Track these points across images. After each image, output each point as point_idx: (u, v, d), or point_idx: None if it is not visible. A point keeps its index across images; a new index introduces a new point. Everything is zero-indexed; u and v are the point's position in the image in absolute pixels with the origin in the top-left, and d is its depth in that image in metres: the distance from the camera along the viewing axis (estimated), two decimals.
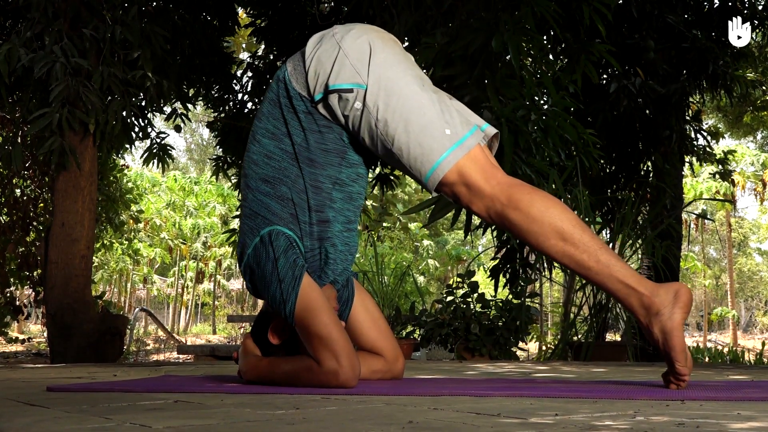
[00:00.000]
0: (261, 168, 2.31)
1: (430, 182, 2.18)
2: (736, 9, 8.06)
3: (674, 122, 7.79)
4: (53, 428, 1.32)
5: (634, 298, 2.10)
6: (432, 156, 2.15)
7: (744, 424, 1.35)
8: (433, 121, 2.17)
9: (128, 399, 1.87)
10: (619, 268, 2.11)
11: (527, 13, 5.13)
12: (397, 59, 2.24)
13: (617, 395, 1.93)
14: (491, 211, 2.17)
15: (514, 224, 2.15)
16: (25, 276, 8.53)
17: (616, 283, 2.11)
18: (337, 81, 2.19)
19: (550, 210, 2.13)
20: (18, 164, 6.12)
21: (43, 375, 3.09)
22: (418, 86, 2.20)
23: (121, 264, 29.99)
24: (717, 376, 3.06)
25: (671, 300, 2.07)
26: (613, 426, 1.32)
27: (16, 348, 14.61)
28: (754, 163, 32.50)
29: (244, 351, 2.43)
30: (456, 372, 3.45)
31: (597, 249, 2.11)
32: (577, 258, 2.11)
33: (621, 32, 7.53)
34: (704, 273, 38.42)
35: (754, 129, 20.07)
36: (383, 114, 2.17)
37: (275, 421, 1.41)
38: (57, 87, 5.35)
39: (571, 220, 2.13)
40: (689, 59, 7.71)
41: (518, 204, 2.13)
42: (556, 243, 2.12)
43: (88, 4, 5.66)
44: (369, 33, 2.27)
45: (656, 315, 2.08)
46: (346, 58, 2.20)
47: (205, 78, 8.11)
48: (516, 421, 1.39)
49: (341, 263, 2.40)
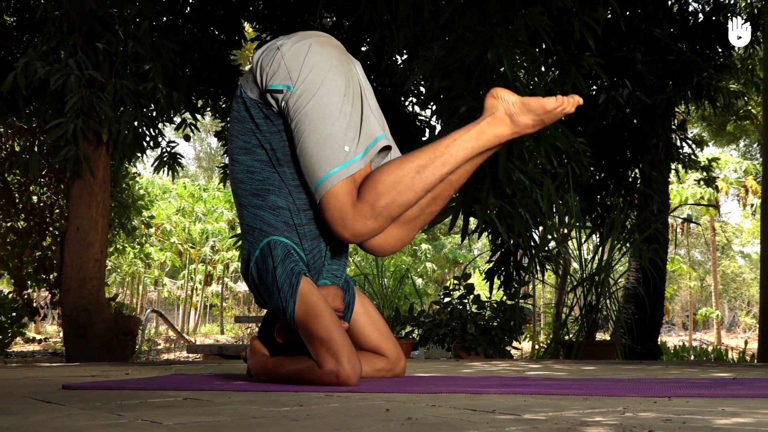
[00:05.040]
0: (247, 184, 2.33)
1: (319, 190, 2.20)
2: (719, 24, 8.07)
3: (660, 131, 7.80)
4: (68, 424, 1.32)
5: (489, 128, 2.23)
6: (325, 166, 2.18)
7: (729, 420, 1.35)
8: (337, 134, 2.19)
9: (140, 396, 1.87)
10: (459, 134, 2.22)
11: (521, 27, 5.14)
12: (330, 64, 2.25)
13: (607, 392, 1.93)
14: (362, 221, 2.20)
15: (392, 211, 2.20)
16: (42, 279, 8.52)
17: (470, 141, 2.21)
18: (273, 81, 2.23)
19: (390, 179, 2.18)
20: (35, 172, 6.12)
21: (59, 373, 3.09)
22: (338, 95, 2.22)
23: (133, 267, 29.92)
24: (702, 374, 3.06)
25: (507, 100, 2.24)
26: (603, 422, 1.31)
27: (34, 347, 14.59)
28: (736, 170, 32.49)
29: (252, 351, 2.43)
30: (453, 370, 3.44)
31: (434, 150, 2.19)
32: (437, 169, 2.19)
33: (610, 45, 7.54)
34: (690, 275, 38.35)
35: (737, 137, 20.08)
36: (297, 115, 2.20)
37: (280, 417, 1.41)
38: (72, 98, 5.36)
39: (402, 163, 2.19)
40: (675, 71, 7.71)
41: (376, 204, 2.17)
42: (419, 180, 2.18)
43: (102, 19, 5.66)
44: (309, 38, 2.29)
45: (512, 114, 2.23)
46: (282, 60, 2.23)
47: (213, 89, 8.11)
48: (510, 418, 1.38)
49: (338, 255, 2.43)
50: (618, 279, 6.03)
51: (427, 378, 2.67)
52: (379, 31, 5.93)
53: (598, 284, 5.69)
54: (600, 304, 5.73)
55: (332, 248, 2.41)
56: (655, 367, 3.86)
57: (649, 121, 7.72)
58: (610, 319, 5.79)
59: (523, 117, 2.24)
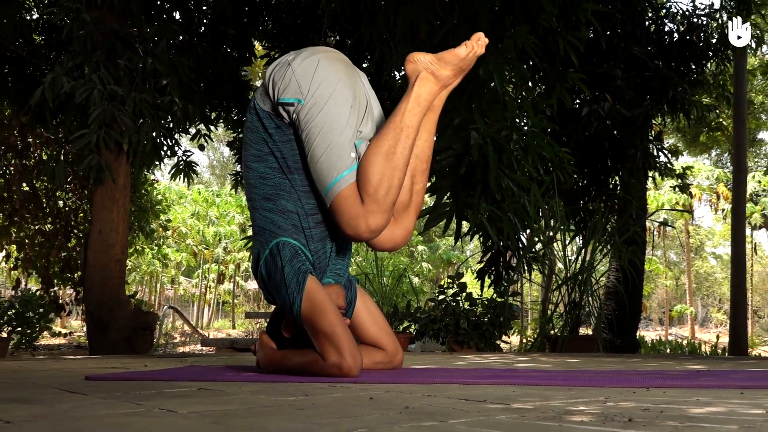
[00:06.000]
0: (260, 189, 2.32)
1: (329, 194, 2.20)
2: (693, 43, 8.08)
3: (639, 141, 7.80)
4: (90, 413, 1.32)
5: (420, 89, 2.27)
6: (333, 172, 2.18)
7: (702, 408, 1.34)
8: (344, 142, 2.19)
9: (157, 387, 1.87)
10: (402, 107, 2.25)
11: (510, 45, 5.14)
12: (338, 78, 2.25)
13: (590, 383, 1.92)
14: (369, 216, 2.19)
15: (392, 195, 2.20)
16: (67, 277, 8.52)
17: (415, 107, 2.25)
18: (285, 95, 2.23)
19: (376, 169, 2.17)
20: (61, 179, 6.11)
21: (82, 365, 3.08)
22: (345, 107, 2.22)
23: (151, 267, 29.90)
24: (678, 366, 3.05)
25: (424, 60, 2.31)
26: (586, 411, 1.31)
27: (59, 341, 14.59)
28: (709, 178, 32.53)
29: (261, 344, 2.43)
30: (447, 362, 3.44)
31: (394, 129, 2.21)
32: (405, 142, 2.21)
33: (592, 62, 7.54)
34: (666, 274, 38.34)
35: (709, 147, 20.09)
36: (307, 126, 2.20)
37: (287, 406, 1.41)
38: (95, 111, 5.35)
39: (375, 152, 2.19)
40: (652, 86, 7.72)
41: (377, 195, 2.17)
42: (397, 159, 2.19)
43: (123, 38, 5.66)
44: (317, 54, 2.29)
45: (432, 71, 2.29)
46: (293, 75, 2.23)
47: (225, 102, 8.12)
48: (500, 407, 1.38)
49: (341, 255, 2.43)
50: (599, 278, 6.02)
51: (423, 370, 2.66)
52: (379, 48, 5.94)
53: (581, 283, 5.69)
54: (583, 301, 5.72)
55: (336, 249, 2.41)
56: (634, 359, 3.86)
57: (628, 132, 7.72)
58: (592, 315, 5.78)
59: (443, 71, 2.30)
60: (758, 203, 29.92)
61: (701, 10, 8.23)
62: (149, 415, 1.27)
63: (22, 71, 7.21)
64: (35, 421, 1.20)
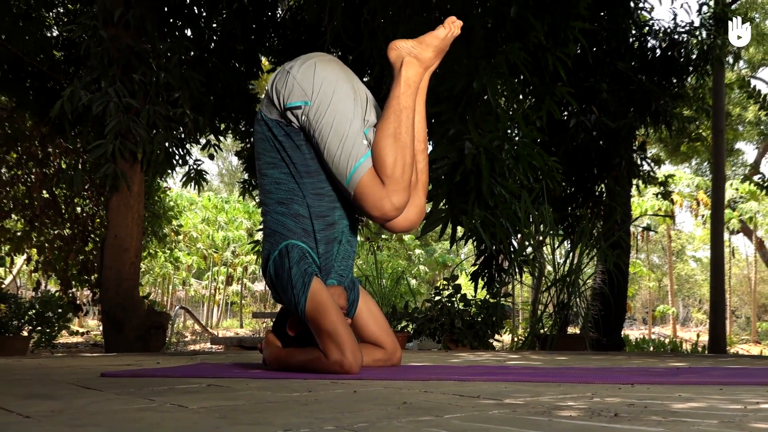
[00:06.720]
0: (275, 194, 2.32)
1: (351, 183, 2.21)
2: (674, 58, 8.09)
3: (623, 151, 7.79)
4: (106, 408, 1.31)
5: (408, 73, 2.32)
6: (351, 161, 2.19)
7: (684, 404, 1.34)
8: (355, 132, 2.21)
9: (169, 383, 1.86)
10: (396, 92, 2.29)
11: (502, 60, 5.15)
12: (336, 76, 2.27)
13: (578, 380, 1.92)
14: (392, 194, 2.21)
15: (407, 173, 2.23)
16: (84, 279, 8.50)
17: (407, 90, 2.29)
18: (291, 100, 2.24)
19: (388, 152, 2.20)
20: (78, 186, 6.12)
21: (98, 363, 3.08)
22: (348, 100, 2.24)
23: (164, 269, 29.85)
24: (660, 363, 3.05)
25: (405, 46, 2.36)
26: (574, 406, 1.31)
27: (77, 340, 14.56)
28: (689, 185, 32.50)
29: (267, 343, 2.42)
30: (442, 360, 3.43)
31: (395, 112, 2.25)
32: (407, 122, 2.25)
33: (579, 77, 7.54)
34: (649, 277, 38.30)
35: (690, 157, 20.13)
36: (318, 125, 2.21)
37: (291, 402, 1.40)
38: (111, 122, 5.36)
39: (384, 135, 2.22)
40: (636, 99, 7.72)
41: (395, 174, 2.20)
42: (404, 138, 2.23)
43: (137, 54, 5.67)
44: (312, 58, 2.31)
45: (416, 55, 2.35)
46: (294, 81, 2.24)
47: (234, 114, 8.12)
48: (493, 402, 1.38)
49: (345, 258, 2.42)
50: (586, 280, 6.01)
51: (420, 367, 2.66)
52: (379, 64, 5.95)
53: (569, 285, 5.68)
54: (571, 302, 5.72)
55: (341, 252, 2.39)
56: (619, 357, 3.85)
57: (613, 142, 7.72)
58: (579, 315, 5.78)
59: (424, 53, 2.36)
60: (736, 209, 29.91)
61: (682, 28, 8.23)
62: (161, 410, 1.27)
63: (43, 85, 7.22)
64: (53, 416, 1.19)
